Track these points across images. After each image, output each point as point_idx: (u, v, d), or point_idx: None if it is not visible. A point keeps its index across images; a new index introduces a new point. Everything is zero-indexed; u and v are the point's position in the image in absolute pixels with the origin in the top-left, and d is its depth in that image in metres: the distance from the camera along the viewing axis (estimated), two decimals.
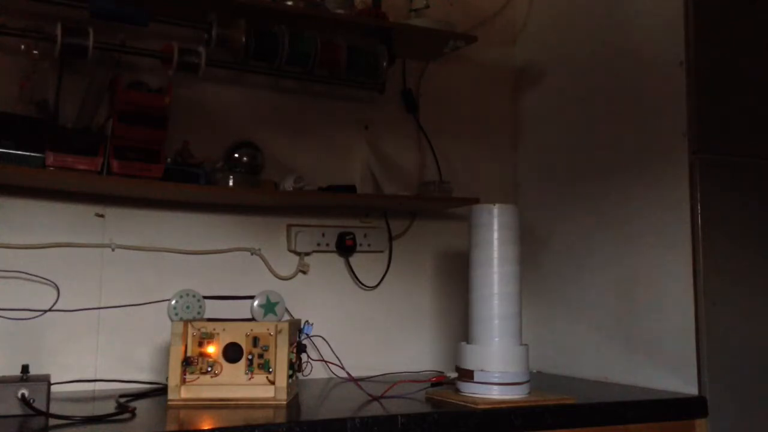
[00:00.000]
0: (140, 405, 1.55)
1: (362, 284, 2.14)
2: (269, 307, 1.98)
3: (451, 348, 2.15)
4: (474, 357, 1.66)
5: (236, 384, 1.58)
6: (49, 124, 1.72)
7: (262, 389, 1.58)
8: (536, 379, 1.82)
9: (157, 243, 1.90)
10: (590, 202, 2.08)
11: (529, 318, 1.89)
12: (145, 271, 1.88)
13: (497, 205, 1.71)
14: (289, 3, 1.95)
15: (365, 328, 2.13)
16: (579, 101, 2.15)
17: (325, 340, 1.96)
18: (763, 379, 1.80)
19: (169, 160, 1.81)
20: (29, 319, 1.74)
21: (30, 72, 1.74)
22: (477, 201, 1.94)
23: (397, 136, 2.23)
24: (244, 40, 1.86)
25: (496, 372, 1.63)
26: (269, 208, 2.03)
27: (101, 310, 1.83)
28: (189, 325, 1.60)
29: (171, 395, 1.56)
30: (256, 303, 1.98)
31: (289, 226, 2.06)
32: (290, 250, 2.05)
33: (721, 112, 1.85)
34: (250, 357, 1.59)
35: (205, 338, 1.60)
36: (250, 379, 1.59)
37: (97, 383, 1.79)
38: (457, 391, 1.68)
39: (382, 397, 1.67)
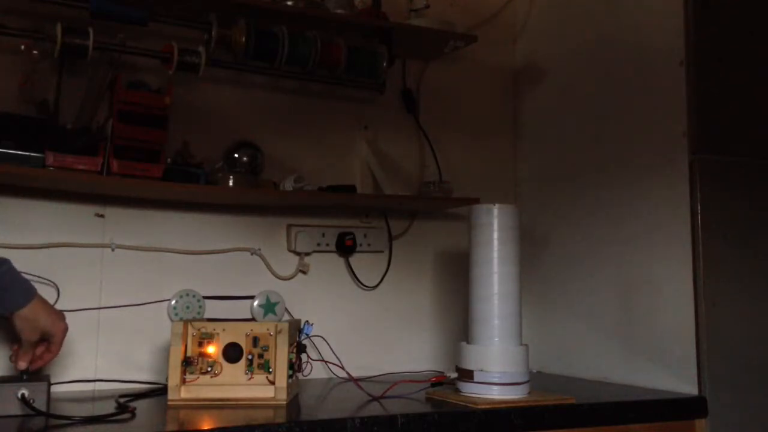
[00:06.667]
0: (140, 405, 1.55)
1: (362, 284, 2.14)
2: (269, 307, 1.98)
3: (451, 348, 2.15)
4: (474, 357, 1.66)
5: (236, 384, 1.58)
6: (49, 124, 1.72)
7: (262, 389, 1.58)
8: (536, 379, 1.82)
9: (157, 243, 1.90)
10: (590, 202, 2.08)
11: (529, 318, 1.89)
12: (145, 271, 1.88)
13: (497, 205, 1.71)
14: (289, 3, 1.95)
15: (365, 328, 2.13)
16: (579, 101, 2.15)
17: (325, 340, 1.96)
18: (763, 379, 1.80)
19: (169, 160, 1.81)
20: None
21: (30, 72, 1.74)
22: (477, 201, 1.94)
23: (397, 136, 2.23)
24: (244, 40, 1.86)
25: (496, 372, 1.63)
26: (269, 208, 2.03)
27: (101, 310, 1.83)
28: (189, 325, 1.60)
29: (171, 395, 1.56)
30: (256, 303, 1.98)
31: (289, 226, 2.06)
32: (290, 250, 2.05)
33: (721, 112, 1.85)
34: (250, 357, 1.59)
35: (205, 338, 1.60)
36: (250, 379, 1.59)
37: (97, 383, 1.79)
38: (457, 391, 1.68)
39: (382, 397, 1.67)
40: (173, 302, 1.89)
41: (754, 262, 1.83)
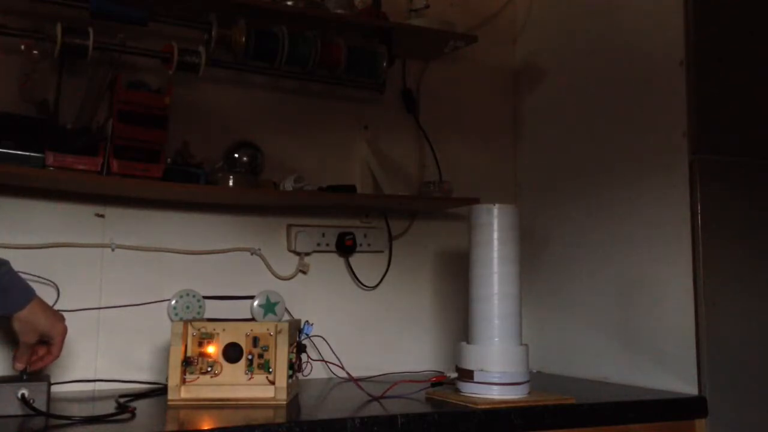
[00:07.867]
0: (140, 405, 1.55)
1: (362, 284, 2.14)
2: (269, 307, 1.98)
3: (451, 348, 2.14)
4: (474, 357, 1.66)
5: (236, 384, 1.58)
6: (49, 124, 1.72)
7: (262, 389, 1.58)
8: (536, 379, 1.82)
9: (157, 243, 1.90)
10: (590, 202, 2.08)
11: (529, 318, 1.89)
12: (145, 271, 1.88)
13: (497, 205, 1.71)
14: (289, 3, 1.95)
15: (365, 328, 2.13)
16: (579, 101, 2.15)
17: (325, 340, 1.96)
18: (763, 379, 1.80)
19: (169, 160, 1.81)
20: None
21: (30, 72, 1.74)
22: (477, 201, 1.94)
23: (397, 136, 2.23)
24: (244, 40, 1.86)
25: (496, 372, 1.63)
26: (269, 208, 2.03)
27: (101, 310, 1.83)
28: (189, 325, 1.60)
29: (171, 395, 1.56)
30: (256, 303, 1.98)
31: (289, 226, 2.06)
32: (290, 250, 2.05)
33: (721, 112, 1.85)
34: (250, 357, 1.59)
35: (205, 338, 1.60)
36: (250, 379, 1.59)
37: (97, 383, 1.79)
38: (457, 391, 1.68)
39: (382, 397, 1.67)
40: (173, 302, 1.89)
41: (754, 262, 1.83)
